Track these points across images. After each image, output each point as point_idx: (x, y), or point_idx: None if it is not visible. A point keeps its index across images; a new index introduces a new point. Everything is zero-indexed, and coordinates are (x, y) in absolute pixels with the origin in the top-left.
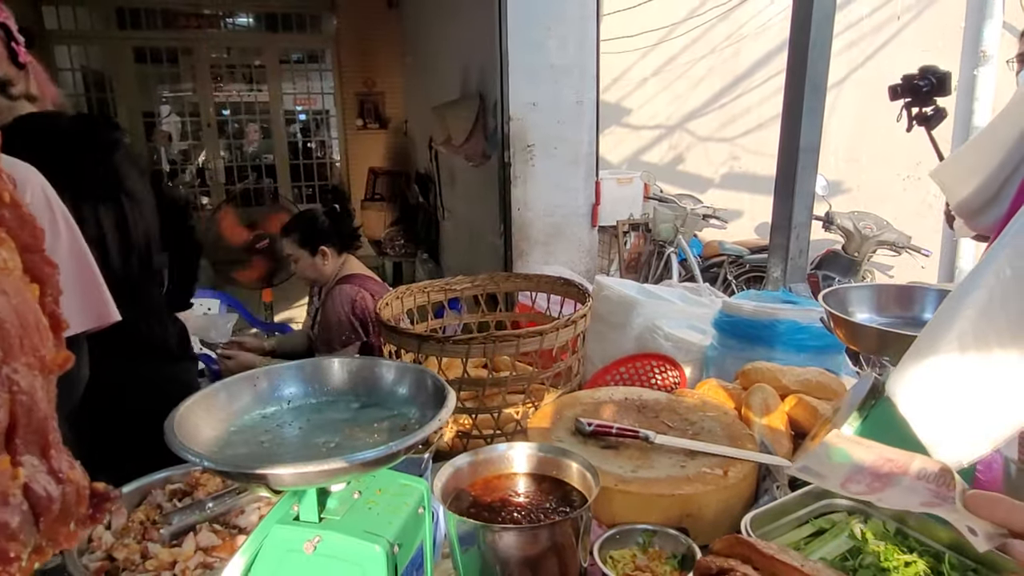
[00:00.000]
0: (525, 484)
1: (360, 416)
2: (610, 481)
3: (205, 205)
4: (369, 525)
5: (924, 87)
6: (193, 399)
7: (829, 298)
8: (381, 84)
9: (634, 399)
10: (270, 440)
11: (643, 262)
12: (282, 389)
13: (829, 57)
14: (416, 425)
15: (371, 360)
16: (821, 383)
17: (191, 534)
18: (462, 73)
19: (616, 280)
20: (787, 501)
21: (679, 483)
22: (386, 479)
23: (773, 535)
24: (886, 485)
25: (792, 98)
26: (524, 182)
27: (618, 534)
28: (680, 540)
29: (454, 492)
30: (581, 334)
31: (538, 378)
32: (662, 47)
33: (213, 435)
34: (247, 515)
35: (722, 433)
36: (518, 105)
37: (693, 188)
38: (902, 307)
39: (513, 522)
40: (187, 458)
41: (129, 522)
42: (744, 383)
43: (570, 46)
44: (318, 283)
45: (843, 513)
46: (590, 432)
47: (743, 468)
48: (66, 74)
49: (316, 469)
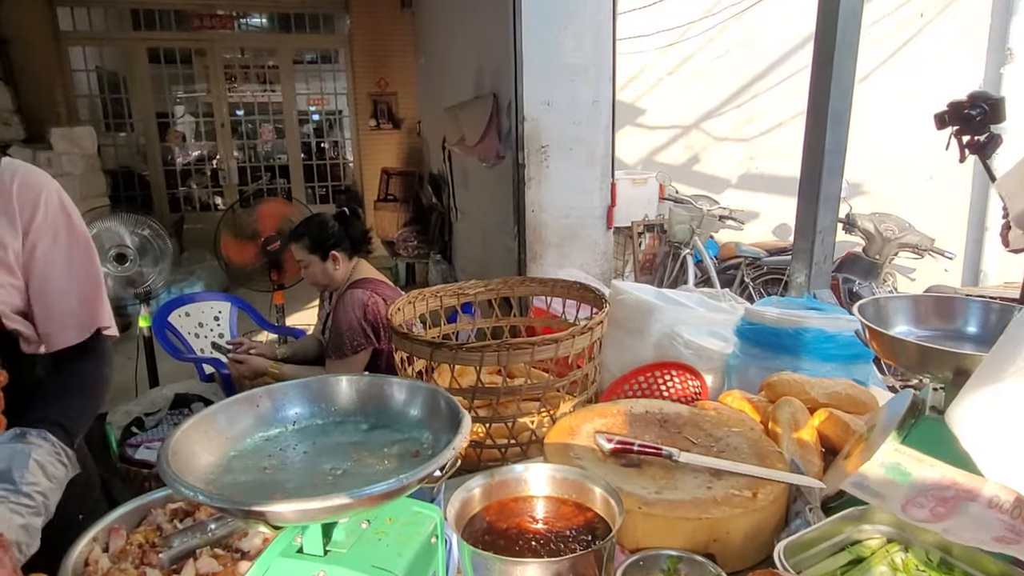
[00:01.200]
0: (543, 508)
1: (369, 439)
2: (633, 503)
3: (218, 205)
4: (378, 559)
5: (976, 116)
6: (190, 423)
7: (865, 309)
8: (394, 84)
9: (655, 412)
10: (273, 466)
11: (658, 264)
12: (286, 409)
13: (856, 56)
14: (428, 450)
15: (381, 378)
16: (852, 396)
17: (191, 560)
18: (476, 73)
19: (633, 284)
20: (822, 527)
21: (706, 506)
22: (397, 507)
23: (807, 564)
24: (952, 512)
25: (817, 99)
26: (538, 183)
27: (642, 560)
28: (708, 568)
29: (468, 516)
30: (598, 341)
31: (554, 386)
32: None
33: (212, 461)
34: (250, 538)
35: (749, 450)
36: (533, 105)
37: (709, 189)
38: (942, 319)
39: (531, 551)
40: (179, 491)
41: (128, 544)
42: (770, 396)
43: (586, 45)
44: (329, 288)
45: (882, 539)
46: (610, 449)
47: (773, 489)
48: (80, 75)
49: (319, 506)
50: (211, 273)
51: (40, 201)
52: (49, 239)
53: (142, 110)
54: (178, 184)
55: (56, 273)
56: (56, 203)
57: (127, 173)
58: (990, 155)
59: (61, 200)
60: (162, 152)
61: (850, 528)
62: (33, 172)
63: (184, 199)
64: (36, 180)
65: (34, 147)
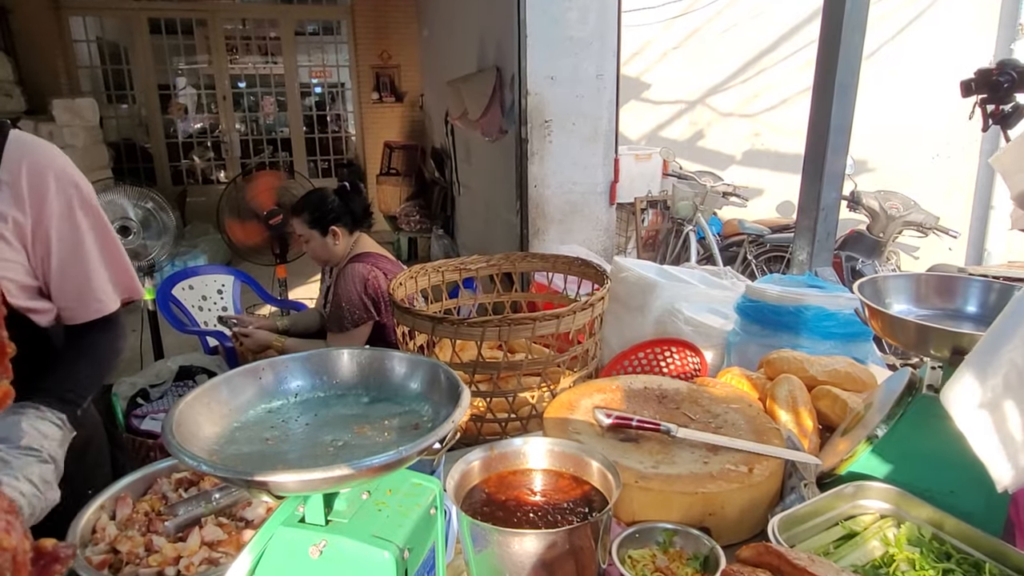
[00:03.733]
0: (541, 481)
1: (370, 412)
2: (629, 477)
3: (220, 178)
4: (378, 528)
5: (1004, 82)
6: (194, 394)
7: (865, 288)
8: (397, 57)
9: (654, 388)
10: (275, 437)
11: (661, 240)
12: (289, 382)
13: (864, 32)
14: (428, 423)
15: (382, 352)
16: (850, 374)
17: (196, 528)
18: (479, 46)
19: (635, 261)
20: (816, 503)
21: (702, 480)
22: (397, 478)
23: (801, 538)
24: None
25: (824, 75)
26: (541, 158)
27: (637, 533)
28: (703, 541)
29: (467, 488)
30: (599, 317)
31: (554, 361)
32: (684, 19)
33: (216, 432)
34: (254, 507)
35: (747, 427)
36: (536, 79)
37: (713, 165)
38: (942, 298)
39: (529, 522)
40: (184, 461)
41: (134, 512)
42: (769, 373)
43: (591, 18)
44: (330, 263)
45: (875, 515)
46: (609, 424)
47: (769, 465)
48: (81, 46)
49: (321, 476)
50: (214, 246)
51: (50, 179)
52: (62, 217)
53: (143, 81)
54: (180, 156)
55: (75, 251)
56: (67, 179)
57: (129, 145)
58: (1013, 125)
59: (71, 175)
60: (164, 124)
61: (843, 504)
62: (41, 147)
63: (187, 172)
64: (45, 157)
65: (36, 118)
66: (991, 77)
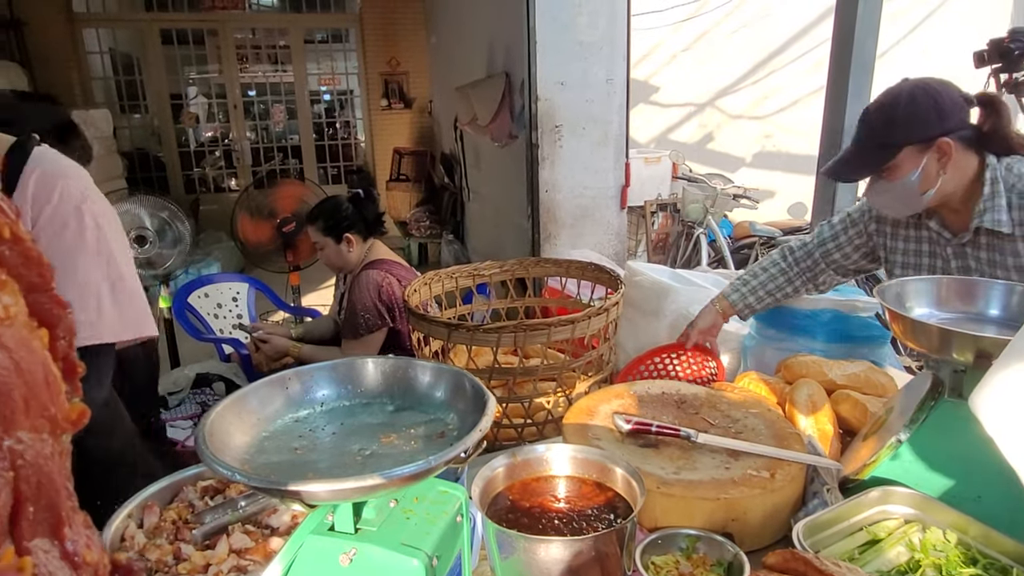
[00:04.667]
0: (565, 488)
1: (395, 420)
2: (651, 483)
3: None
4: (407, 536)
5: (1016, 51)
6: (224, 404)
7: (886, 292)
8: (406, 64)
9: (672, 394)
10: (304, 447)
11: (671, 243)
12: (315, 391)
13: (878, 32)
14: (454, 431)
15: (406, 361)
16: (870, 379)
17: (224, 535)
18: (488, 51)
19: (648, 265)
20: (840, 508)
21: (724, 486)
22: (424, 486)
23: (824, 544)
24: None
25: (837, 76)
26: (552, 163)
27: (660, 539)
28: (726, 547)
29: (491, 495)
30: (613, 322)
31: (570, 366)
32: (693, 22)
33: (246, 441)
34: (280, 515)
35: (767, 432)
36: (546, 84)
37: (724, 167)
38: (964, 301)
39: (554, 529)
40: (218, 472)
41: (161, 521)
42: (788, 377)
43: (600, 22)
44: (344, 270)
45: (899, 521)
46: (628, 430)
47: (791, 470)
48: (95, 57)
49: (353, 486)
50: (227, 254)
51: (55, 192)
52: (53, 231)
53: (156, 91)
54: (193, 165)
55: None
56: (73, 197)
57: (143, 155)
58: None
59: (83, 196)
60: (176, 133)
61: (867, 509)
62: (56, 164)
63: (199, 180)
64: (56, 172)
65: None
66: (1003, 46)
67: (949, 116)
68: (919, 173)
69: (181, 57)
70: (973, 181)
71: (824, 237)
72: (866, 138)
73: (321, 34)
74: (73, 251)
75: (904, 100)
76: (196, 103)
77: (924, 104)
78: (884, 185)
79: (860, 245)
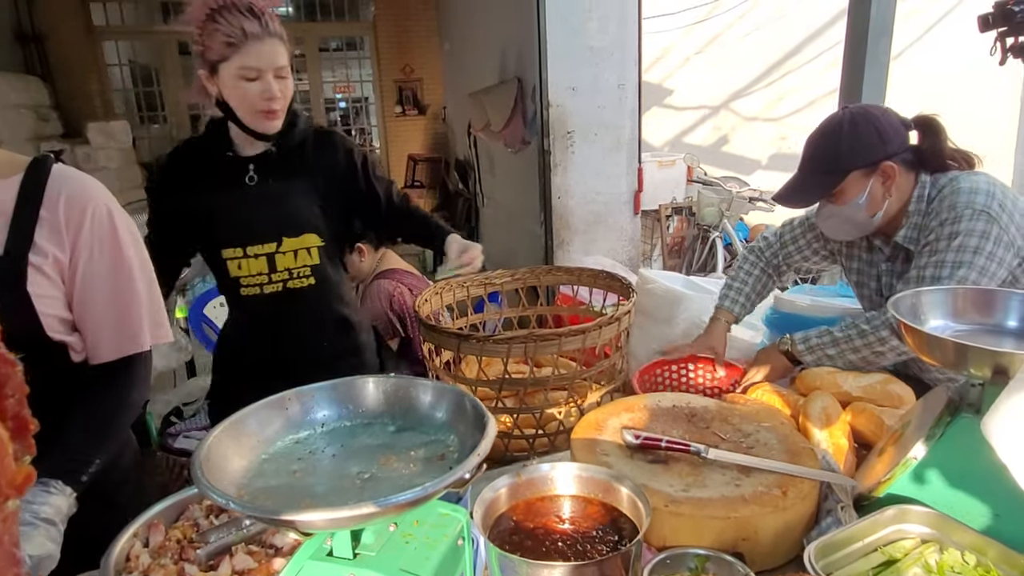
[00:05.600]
0: (570, 508)
1: (396, 441)
2: (659, 501)
3: None
4: (406, 562)
5: (1019, 12)
6: (222, 427)
7: (899, 303)
8: (419, 71)
9: (683, 407)
10: (302, 469)
11: (687, 247)
12: (315, 412)
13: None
14: (454, 453)
15: (407, 380)
16: (887, 390)
17: (227, 556)
18: (500, 58)
19: (661, 273)
20: (855, 528)
21: (734, 504)
22: (424, 509)
23: (838, 565)
24: None
25: (851, 77)
26: (564, 169)
27: (668, 559)
28: (736, 567)
29: (494, 516)
30: (625, 330)
31: (581, 376)
32: (705, 24)
33: (243, 465)
34: (283, 535)
35: (779, 446)
36: (557, 90)
37: (739, 170)
38: (981, 313)
39: (558, 552)
40: (213, 499)
41: (166, 540)
42: (801, 388)
43: (611, 27)
44: (356, 280)
45: (916, 540)
46: (637, 445)
47: (803, 487)
48: (114, 69)
49: (348, 515)
50: None
51: (87, 215)
52: (89, 253)
53: (174, 102)
54: None
55: (95, 289)
56: (103, 216)
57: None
58: None
59: (110, 212)
60: None
61: (883, 528)
62: (82, 183)
63: None
64: (84, 192)
65: (72, 141)
66: (1008, 8)
67: (891, 140)
68: (866, 196)
69: None
70: (908, 200)
71: (785, 240)
72: (812, 165)
73: (336, 42)
74: (116, 266)
75: (847, 127)
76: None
77: (865, 130)
78: (832, 209)
79: (819, 248)
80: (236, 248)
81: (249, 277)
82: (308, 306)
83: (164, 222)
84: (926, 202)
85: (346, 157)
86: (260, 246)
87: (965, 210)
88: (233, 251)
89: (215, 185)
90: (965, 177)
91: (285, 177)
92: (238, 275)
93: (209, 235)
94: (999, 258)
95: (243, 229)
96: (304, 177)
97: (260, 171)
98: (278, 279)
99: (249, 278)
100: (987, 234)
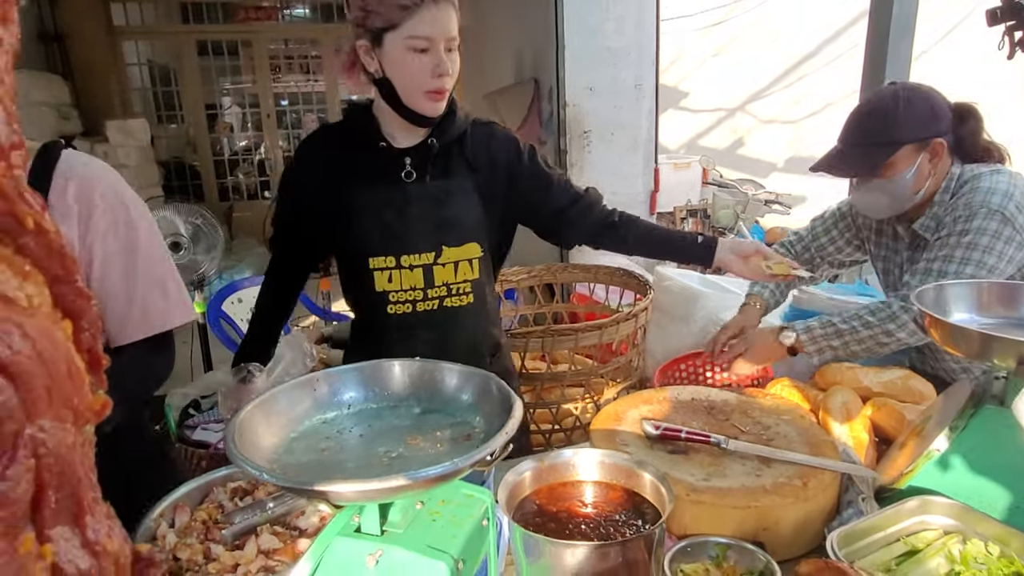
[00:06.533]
0: (592, 493)
1: (422, 423)
2: (680, 490)
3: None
4: (433, 539)
5: None
6: (253, 404)
7: (924, 296)
8: None
9: (702, 400)
10: (331, 448)
11: None
12: (342, 393)
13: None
14: (480, 434)
15: (432, 364)
16: (907, 386)
17: (252, 536)
18: (516, 58)
19: (677, 271)
20: (877, 518)
21: (755, 494)
22: (450, 489)
23: (860, 554)
24: None
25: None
26: (580, 169)
27: (689, 547)
28: (757, 556)
29: (518, 499)
30: (642, 327)
31: (597, 372)
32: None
33: (274, 442)
34: (307, 516)
35: (799, 439)
36: (574, 90)
37: (755, 172)
38: (1005, 306)
39: (581, 534)
40: (246, 470)
41: (192, 521)
42: (822, 383)
43: (628, 27)
44: None
45: (939, 531)
46: (657, 436)
47: (824, 478)
48: (133, 69)
49: (379, 487)
50: (259, 259)
51: (95, 197)
52: (103, 236)
53: (192, 102)
54: (227, 173)
55: (111, 270)
56: (112, 197)
57: (178, 163)
58: None
59: (118, 193)
60: (211, 143)
61: (905, 519)
62: (89, 167)
63: (232, 188)
64: (92, 175)
65: (91, 139)
66: (1015, 1)
67: (942, 118)
68: (914, 171)
69: (216, 68)
70: (937, 188)
71: (817, 232)
72: (859, 138)
73: None
74: (131, 246)
75: (901, 101)
76: (230, 113)
77: (920, 106)
78: (877, 183)
79: (851, 239)
80: (388, 257)
81: (400, 292)
82: (465, 328)
83: (294, 222)
84: (950, 195)
85: (512, 151)
86: (416, 256)
87: (980, 209)
88: (384, 260)
89: (363, 180)
90: (987, 176)
91: (444, 175)
92: (387, 289)
93: (352, 240)
94: (1009, 257)
95: (398, 235)
96: (465, 176)
97: (417, 166)
98: (435, 295)
99: (400, 293)
100: (999, 234)
